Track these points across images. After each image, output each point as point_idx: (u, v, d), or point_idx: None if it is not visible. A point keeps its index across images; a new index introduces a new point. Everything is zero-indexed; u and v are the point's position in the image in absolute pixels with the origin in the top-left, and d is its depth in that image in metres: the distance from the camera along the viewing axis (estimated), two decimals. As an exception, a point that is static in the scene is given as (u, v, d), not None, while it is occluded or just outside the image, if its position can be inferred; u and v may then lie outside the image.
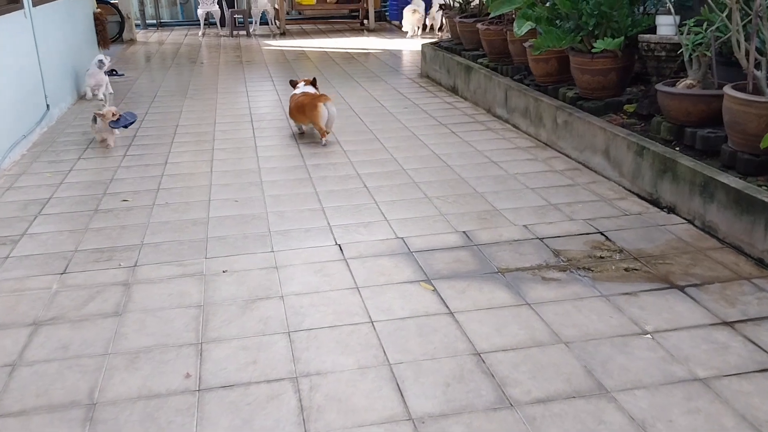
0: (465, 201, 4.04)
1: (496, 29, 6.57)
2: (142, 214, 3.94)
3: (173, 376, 2.39)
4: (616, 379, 2.33)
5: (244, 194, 4.25)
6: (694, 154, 3.82)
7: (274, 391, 2.30)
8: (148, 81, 8.38)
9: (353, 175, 4.57)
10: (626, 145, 4.16)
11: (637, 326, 2.65)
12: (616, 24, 4.68)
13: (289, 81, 5.93)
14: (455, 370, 2.40)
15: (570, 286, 2.99)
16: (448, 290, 2.97)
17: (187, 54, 10.71)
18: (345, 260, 3.29)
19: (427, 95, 7.16)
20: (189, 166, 4.82)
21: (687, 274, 3.06)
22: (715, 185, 3.41)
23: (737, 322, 2.66)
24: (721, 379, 2.31)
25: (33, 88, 5.72)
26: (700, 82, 4.03)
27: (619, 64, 4.80)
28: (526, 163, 4.73)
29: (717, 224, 3.40)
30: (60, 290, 3.01)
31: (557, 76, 5.45)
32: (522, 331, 2.64)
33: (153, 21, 14.39)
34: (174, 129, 5.91)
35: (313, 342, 2.59)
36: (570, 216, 3.77)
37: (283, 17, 13.39)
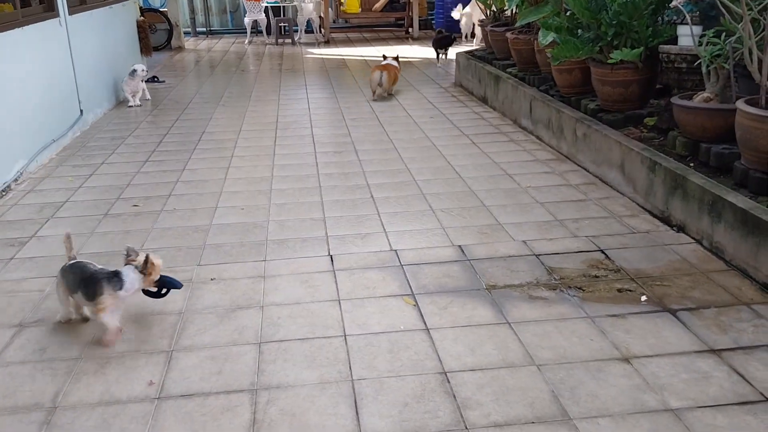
0: (469, 214, 3.97)
1: (525, 38, 6.46)
2: (148, 219, 4.03)
3: (137, 383, 2.43)
4: (582, 406, 2.24)
5: (252, 202, 4.30)
6: (708, 171, 3.65)
7: (230, 403, 2.30)
8: (187, 88, 8.60)
9: (362, 185, 4.57)
10: (640, 159, 4.01)
11: (618, 351, 2.54)
12: (636, 34, 4.52)
13: (382, 55, 8.02)
14: (417, 389, 2.35)
15: (556, 305, 2.89)
16: (429, 306, 2.92)
17: (231, 61, 10.95)
18: (333, 272, 3.28)
19: (456, 105, 7.10)
20: (204, 173, 4.92)
21: (683, 297, 2.91)
22: (722, 204, 3.24)
23: (726, 350, 2.51)
24: (694, 411, 2.18)
25: (66, 93, 5.96)
26: (719, 96, 3.85)
27: (641, 76, 4.63)
28: (541, 176, 4.62)
29: (724, 245, 3.23)
30: (51, 293, 3.11)
31: (581, 88, 5.31)
32: (495, 351, 2.57)
33: (203, 29, 14.80)
34: (199, 136, 6.04)
35: (281, 354, 2.59)
36: (574, 232, 3.65)
37: (327, 25, 13.54)
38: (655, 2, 4.44)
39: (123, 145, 5.80)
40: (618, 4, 4.43)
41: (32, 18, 5.35)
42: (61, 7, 5.97)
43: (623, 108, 4.73)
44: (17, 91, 4.92)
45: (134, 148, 5.71)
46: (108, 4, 7.57)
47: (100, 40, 7.14)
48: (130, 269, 2.68)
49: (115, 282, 2.62)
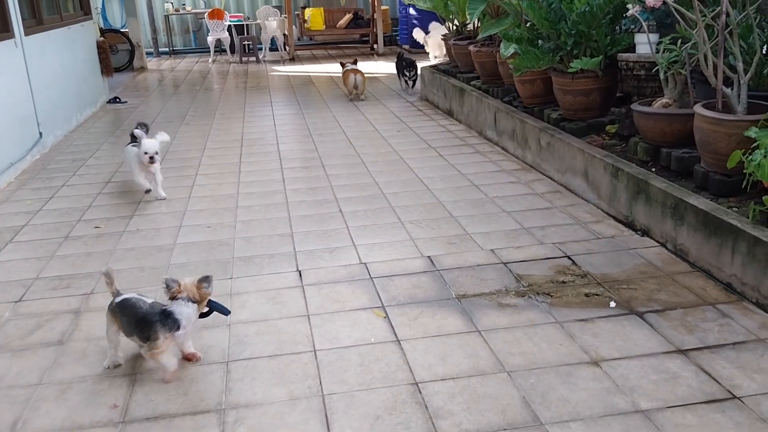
0: (437, 225, 3.97)
1: (487, 51, 6.53)
2: (110, 240, 3.95)
3: (100, 407, 2.35)
4: (553, 410, 2.23)
5: (217, 220, 4.24)
6: (669, 175, 3.71)
7: (197, 424, 2.24)
8: (150, 108, 8.50)
9: (330, 199, 4.54)
10: (603, 166, 4.06)
11: (587, 354, 2.55)
12: (594, 43, 4.61)
13: (340, 63, 8.83)
14: (388, 401, 2.32)
15: (525, 312, 2.89)
16: (399, 317, 2.89)
17: (195, 80, 10.86)
18: (302, 287, 3.24)
19: (423, 118, 7.13)
20: (168, 192, 4.83)
21: (650, 300, 2.94)
22: (684, 207, 3.30)
23: (693, 350, 2.53)
24: (664, 411, 2.19)
25: (24, 116, 5.83)
26: (677, 101, 3.93)
27: (601, 84, 4.72)
28: (507, 186, 4.65)
29: (688, 247, 3.28)
30: (10, 318, 3.01)
31: (543, 98, 5.38)
32: (466, 359, 2.55)
33: (166, 48, 14.68)
34: (163, 155, 5.94)
35: (249, 372, 2.54)
36: (540, 240, 3.67)
37: (292, 43, 13.55)
38: (613, 11, 4.53)
39: (84, 166, 5.69)
40: (576, 14, 4.51)
41: (-14, 39, 5.24)
42: (17, 27, 5.85)
43: (585, 116, 4.80)
44: (-28, 114, 4.80)
45: (96, 169, 5.60)
46: (66, 24, 7.45)
47: (58, 61, 7.02)
48: (181, 304, 2.42)
49: (170, 324, 2.39)
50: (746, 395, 2.23)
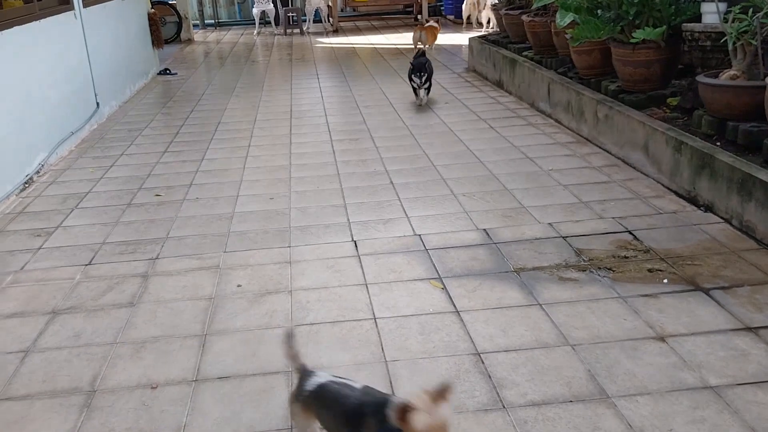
0: (491, 198, 3.95)
1: (541, 21, 6.39)
2: (171, 208, 4.04)
3: (173, 366, 2.43)
4: (619, 384, 2.22)
5: (272, 190, 4.29)
6: (736, 149, 3.60)
7: (267, 384, 2.31)
8: (199, 80, 8.60)
9: (381, 171, 4.55)
10: (665, 140, 3.96)
11: (652, 330, 2.52)
12: (658, 13, 4.46)
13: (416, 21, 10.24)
14: (452, 370, 2.34)
15: (587, 286, 2.87)
16: (457, 289, 2.91)
17: (241, 53, 10.94)
18: (358, 257, 3.27)
19: (471, 90, 7.05)
20: (223, 163, 4.92)
21: (715, 276, 2.89)
22: (753, 182, 3.20)
23: (762, 328, 2.49)
24: (734, 388, 2.16)
25: (83, 86, 5.97)
26: (745, 73, 3.80)
27: (663, 55, 4.58)
28: (563, 159, 4.58)
29: (755, 224, 3.20)
30: (82, 281, 3.12)
31: (600, 69, 5.25)
32: (528, 332, 2.56)
33: (211, 21, 14.77)
34: (215, 126, 6.04)
35: (313, 337, 2.59)
36: (600, 214, 3.62)
37: (336, 14, 13.48)
38: (677, -20, 4.38)
39: (140, 136, 5.81)
40: (639, -17, 4.37)
41: (48, 11, 5.35)
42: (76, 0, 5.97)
43: (645, 88, 4.68)
44: (36, 85, 4.93)
45: (152, 139, 5.72)
46: (120, -4, 7.57)
47: (113, 32, 7.14)
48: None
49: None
50: (821, 374, 2.19)
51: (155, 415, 2.18)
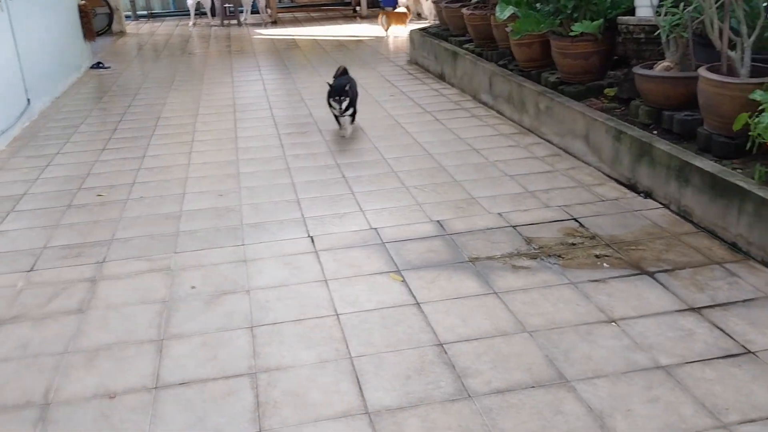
0: (443, 190, 4.00)
1: (481, 14, 6.49)
2: (115, 208, 3.91)
3: (131, 373, 2.37)
4: (577, 368, 2.31)
5: (221, 186, 4.22)
6: (672, 137, 3.77)
7: (231, 388, 2.28)
8: (135, 73, 8.33)
9: (332, 165, 4.54)
10: (605, 129, 4.11)
11: (604, 314, 2.62)
12: (594, 6, 4.61)
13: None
14: (417, 362, 2.38)
15: (539, 274, 2.96)
16: (417, 281, 2.94)
17: (176, 45, 10.64)
18: (316, 252, 3.26)
19: (415, 82, 7.10)
20: (167, 159, 4.79)
21: (659, 260, 3.02)
22: (690, 169, 3.36)
23: (705, 307, 2.62)
24: (683, 367, 2.28)
25: (12, 81, 5.68)
26: (678, 65, 3.97)
27: (600, 48, 4.74)
28: (507, 150, 4.68)
29: (692, 209, 3.36)
30: (25, 288, 3.00)
31: (540, 61, 5.38)
32: (487, 320, 2.62)
33: (144, 12, 14.30)
34: (155, 122, 5.87)
35: (275, 336, 2.57)
36: (546, 203, 3.73)
37: (274, 6, 13.29)
38: (612, -26, 4.53)
39: (77, 133, 5.59)
40: (577, -23, 4.50)
41: (-30, 2, 5.06)
42: (1, -10, 5.67)
43: (584, 80, 4.83)
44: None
45: (89, 136, 5.51)
46: (48, -14, 7.22)
47: (44, 24, 6.81)
48: None
49: None
50: (760, 350, 2.33)
51: (116, 425, 2.12)
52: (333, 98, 5.00)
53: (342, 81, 5.20)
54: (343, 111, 5.00)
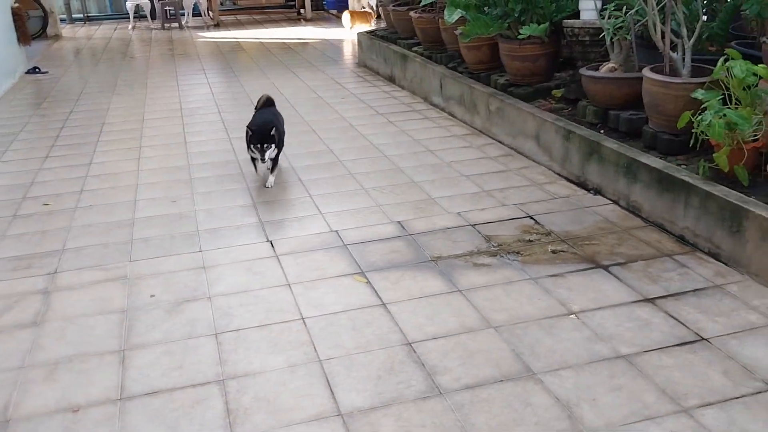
0: (401, 191, 4.03)
1: (429, 17, 6.57)
2: (64, 217, 3.78)
3: (94, 386, 2.30)
4: (543, 360, 2.37)
5: (173, 192, 4.13)
6: (618, 136, 3.91)
7: (199, 396, 2.24)
8: (74, 78, 8.06)
9: (287, 168, 4.51)
10: (554, 130, 4.22)
11: (564, 307, 2.70)
12: (540, 10, 4.74)
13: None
14: (386, 362, 2.39)
15: (500, 270, 3.02)
16: (381, 282, 2.96)
17: (117, 48, 10.35)
18: (277, 257, 3.23)
19: (365, 85, 7.12)
20: (115, 166, 4.66)
21: (612, 254, 3.13)
22: (637, 166, 3.50)
23: (659, 298, 2.74)
24: (642, 355, 2.37)
25: (-56, 88, 5.42)
26: (623, 66, 4.13)
27: (547, 50, 4.87)
28: (461, 150, 4.75)
29: (641, 204, 3.50)
30: (-27, 302, 2.87)
31: (489, 63, 5.49)
32: (453, 318, 2.65)
33: (80, 15, 13.84)
34: (100, 127, 5.70)
35: (241, 343, 2.54)
36: (502, 202, 3.81)
37: (216, 8, 13.09)
38: (557, -22, 4.67)
39: (16, 141, 5.37)
40: (523, -19, 4.61)
41: None
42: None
43: (532, 81, 4.95)
44: None
45: (30, 143, 5.30)
46: (-22, -12, 6.91)
47: (-26, 27, 6.52)
48: None
49: None
50: (712, 336, 2.45)
51: (82, 439, 2.06)
52: (255, 145, 3.93)
53: (266, 118, 4.13)
54: (263, 156, 3.95)
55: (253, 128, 4.00)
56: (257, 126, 4.01)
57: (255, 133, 3.95)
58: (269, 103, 4.45)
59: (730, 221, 2.91)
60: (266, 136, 3.94)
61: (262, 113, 4.29)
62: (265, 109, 4.38)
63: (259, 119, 4.16)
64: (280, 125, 4.26)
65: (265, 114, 4.27)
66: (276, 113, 4.39)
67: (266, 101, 4.45)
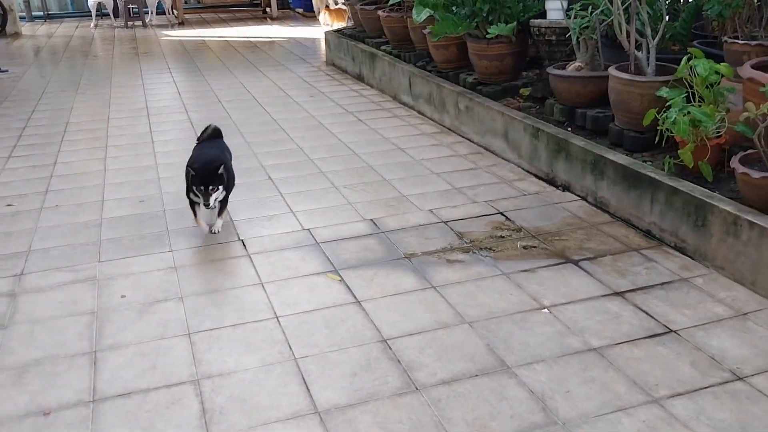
0: (373, 189, 4.04)
1: (397, 16, 6.59)
2: (29, 218, 3.69)
3: (65, 388, 2.25)
4: (517, 354, 2.40)
5: (141, 192, 4.07)
6: (585, 133, 3.98)
7: (174, 396, 2.22)
8: (36, 77, 7.87)
9: (257, 167, 4.48)
10: (522, 127, 4.28)
11: (536, 302, 2.74)
12: (508, 9, 4.79)
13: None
14: (362, 359, 2.40)
15: (473, 266, 3.05)
16: (355, 279, 2.96)
17: (79, 47, 10.14)
18: (249, 256, 3.21)
19: (333, 83, 7.11)
20: (81, 166, 4.57)
21: (581, 249, 3.19)
22: (604, 163, 3.57)
23: (627, 291, 2.80)
24: (613, 348, 2.42)
25: None
26: (588, 65, 4.20)
27: (514, 49, 4.93)
28: (431, 148, 4.78)
29: (608, 200, 3.57)
30: (-65, 306, 2.78)
31: (457, 62, 5.53)
32: (428, 314, 2.67)
33: (40, 13, 13.51)
34: (64, 127, 5.58)
35: (215, 342, 2.52)
36: (473, 198, 3.84)
37: (180, 6, 12.91)
38: (524, -22, 4.73)
39: (-25, 140, 5.22)
40: (491, -19, 4.66)
41: None
42: None
43: (500, 80, 5.01)
44: None
45: (-10, 143, 5.16)
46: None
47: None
48: None
49: None
50: (681, 328, 2.51)
51: (54, 443, 2.02)
52: (198, 188, 3.20)
53: (211, 154, 3.42)
54: (210, 199, 3.22)
55: (196, 167, 3.22)
56: (201, 164, 3.24)
57: (198, 173, 3.19)
58: (216, 134, 3.71)
59: (695, 216, 2.99)
60: (212, 176, 3.18)
61: (206, 148, 3.54)
62: (209, 142, 3.63)
63: (202, 156, 3.39)
64: (229, 161, 3.56)
65: (209, 149, 3.51)
66: (223, 146, 3.66)
67: (213, 132, 3.70)
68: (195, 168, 3.24)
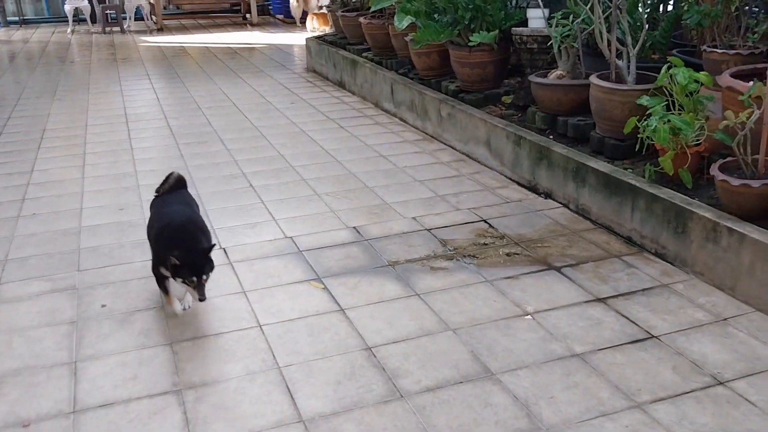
0: (355, 196, 4.03)
1: (379, 23, 6.61)
2: (5, 227, 3.63)
3: (45, 399, 2.21)
4: (500, 361, 2.41)
5: (120, 200, 4.02)
6: (567, 141, 4.02)
7: (156, 406, 2.18)
8: (10, 83, 7.76)
9: (238, 174, 4.45)
10: (505, 135, 4.31)
11: (519, 308, 2.75)
12: (490, 17, 4.83)
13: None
14: (346, 367, 2.38)
15: (457, 273, 3.05)
16: (339, 287, 2.95)
17: (55, 53, 10.01)
18: (231, 264, 3.18)
19: (315, 90, 7.10)
20: (58, 173, 4.50)
21: (564, 255, 3.21)
22: (585, 170, 3.60)
23: (609, 297, 2.82)
24: (596, 353, 2.44)
25: None
26: (570, 73, 4.25)
27: (496, 57, 4.96)
28: (414, 156, 4.79)
29: (589, 207, 3.60)
30: None
31: (439, 70, 5.55)
32: (412, 321, 2.67)
33: (15, 18, 13.33)
34: (41, 134, 5.50)
35: (198, 351, 2.49)
36: (456, 206, 3.85)
37: (159, 12, 12.82)
38: (505, -13, 4.77)
39: (-51, 147, 5.13)
40: (472, -11, 4.69)
41: None
42: None
43: (482, 88, 5.03)
44: None
45: (-35, 150, 5.07)
46: None
47: None
48: None
49: None
50: (662, 334, 2.54)
51: (32, 456, 1.98)
52: (189, 279, 2.52)
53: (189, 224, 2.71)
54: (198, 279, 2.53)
55: (184, 253, 2.48)
56: (186, 251, 2.50)
57: (186, 263, 2.48)
58: (179, 184, 2.98)
59: (675, 222, 3.03)
60: (203, 264, 2.54)
61: (172, 204, 2.86)
62: (172, 196, 2.92)
63: (181, 230, 2.65)
64: (201, 219, 2.84)
65: (177, 207, 2.83)
66: (191, 202, 2.95)
67: (176, 183, 2.97)
68: (182, 256, 2.47)
